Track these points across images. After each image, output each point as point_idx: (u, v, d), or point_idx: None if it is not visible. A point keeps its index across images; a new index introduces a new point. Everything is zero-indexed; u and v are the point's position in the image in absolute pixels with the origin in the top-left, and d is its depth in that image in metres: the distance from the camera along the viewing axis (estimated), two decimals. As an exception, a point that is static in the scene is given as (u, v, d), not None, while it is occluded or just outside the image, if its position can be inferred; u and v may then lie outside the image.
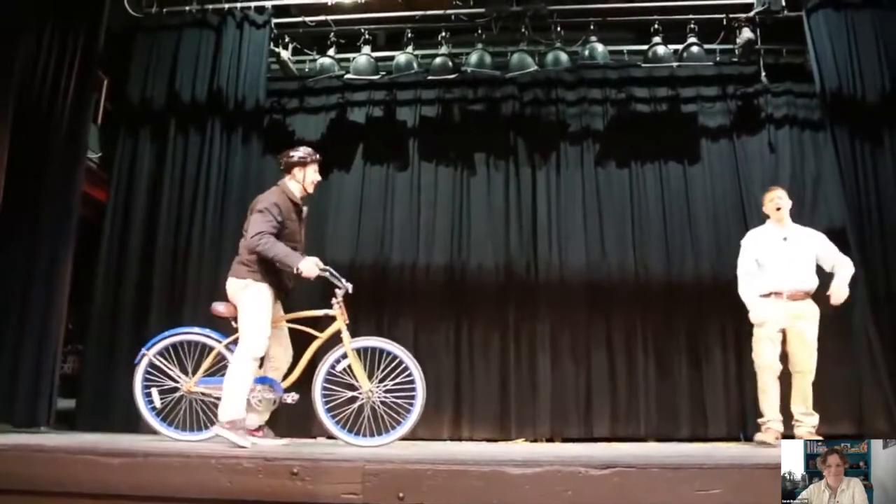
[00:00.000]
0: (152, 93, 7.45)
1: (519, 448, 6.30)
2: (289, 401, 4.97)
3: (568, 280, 7.63)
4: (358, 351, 4.97)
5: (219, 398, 4.79)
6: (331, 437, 4.97)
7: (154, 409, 4.95)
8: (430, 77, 8.03)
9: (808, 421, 5.46)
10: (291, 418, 6.23)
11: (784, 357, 5.56)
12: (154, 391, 4.94)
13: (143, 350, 5.03)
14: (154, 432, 5.00)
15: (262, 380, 4.94)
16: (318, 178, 5.26)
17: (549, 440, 7.22)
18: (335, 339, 5.03)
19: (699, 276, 7.56)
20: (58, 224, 6.27)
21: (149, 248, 7.09)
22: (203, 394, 4.97)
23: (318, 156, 5.25)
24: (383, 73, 8.04)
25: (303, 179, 5.14)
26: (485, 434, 7.30)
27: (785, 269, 5.56)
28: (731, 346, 7.33)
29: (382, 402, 4.93)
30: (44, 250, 6.19)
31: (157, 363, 4.98)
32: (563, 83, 8.20)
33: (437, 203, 7.99)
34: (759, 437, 5.55)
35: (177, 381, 4.98)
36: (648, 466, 2.87)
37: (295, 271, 4.81)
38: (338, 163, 8.14)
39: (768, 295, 5.59)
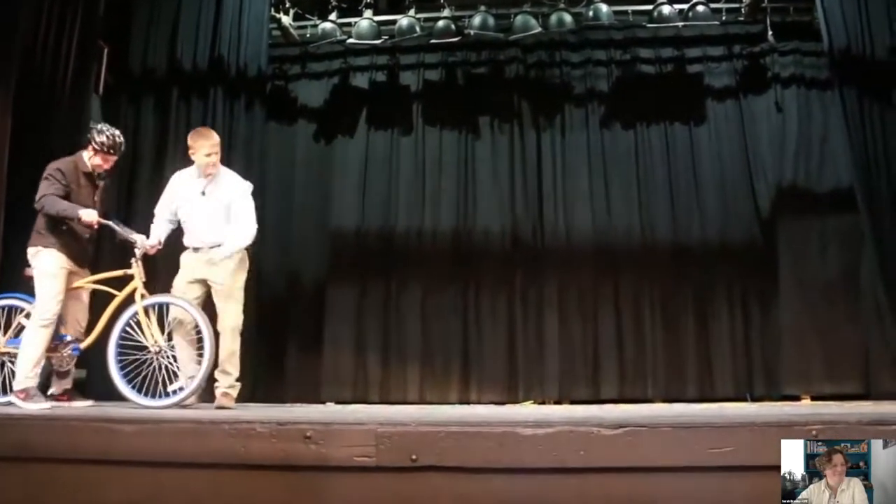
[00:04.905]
0: (153, 61, 7.34)
1: (528, 410, 6.34)
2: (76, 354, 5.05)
3: (574, 243, 7.65)
4: (150, 308, 4.90)
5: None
6: (124, 398, 4.79)
7: None
8: (432, 41, 7.97)
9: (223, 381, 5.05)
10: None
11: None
12: None
13: None
14: None
15: (59, 338, 4.98)
16: (107, 167, 5.05)
17: (557, 402, 7.26)
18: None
19: (706, 237, 7.56)
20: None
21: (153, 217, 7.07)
22: (11, 354, 5.00)
23: (117, 152, 5.03)
24: (385, 37, 7.98)
25: (89, 159, 5.00)
26: (493, 397, 7.34)
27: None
28: (738, 307, 7.37)
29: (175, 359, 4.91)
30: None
31: None
32: (568, 45, 8.10)
33: (443, 167, 7.98)
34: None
35: None
36: (660, 426, 2.87)
37: (77, 221, 4.83)
38: (341, 128, 8.14)
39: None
